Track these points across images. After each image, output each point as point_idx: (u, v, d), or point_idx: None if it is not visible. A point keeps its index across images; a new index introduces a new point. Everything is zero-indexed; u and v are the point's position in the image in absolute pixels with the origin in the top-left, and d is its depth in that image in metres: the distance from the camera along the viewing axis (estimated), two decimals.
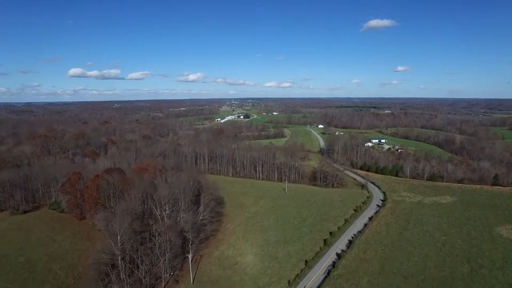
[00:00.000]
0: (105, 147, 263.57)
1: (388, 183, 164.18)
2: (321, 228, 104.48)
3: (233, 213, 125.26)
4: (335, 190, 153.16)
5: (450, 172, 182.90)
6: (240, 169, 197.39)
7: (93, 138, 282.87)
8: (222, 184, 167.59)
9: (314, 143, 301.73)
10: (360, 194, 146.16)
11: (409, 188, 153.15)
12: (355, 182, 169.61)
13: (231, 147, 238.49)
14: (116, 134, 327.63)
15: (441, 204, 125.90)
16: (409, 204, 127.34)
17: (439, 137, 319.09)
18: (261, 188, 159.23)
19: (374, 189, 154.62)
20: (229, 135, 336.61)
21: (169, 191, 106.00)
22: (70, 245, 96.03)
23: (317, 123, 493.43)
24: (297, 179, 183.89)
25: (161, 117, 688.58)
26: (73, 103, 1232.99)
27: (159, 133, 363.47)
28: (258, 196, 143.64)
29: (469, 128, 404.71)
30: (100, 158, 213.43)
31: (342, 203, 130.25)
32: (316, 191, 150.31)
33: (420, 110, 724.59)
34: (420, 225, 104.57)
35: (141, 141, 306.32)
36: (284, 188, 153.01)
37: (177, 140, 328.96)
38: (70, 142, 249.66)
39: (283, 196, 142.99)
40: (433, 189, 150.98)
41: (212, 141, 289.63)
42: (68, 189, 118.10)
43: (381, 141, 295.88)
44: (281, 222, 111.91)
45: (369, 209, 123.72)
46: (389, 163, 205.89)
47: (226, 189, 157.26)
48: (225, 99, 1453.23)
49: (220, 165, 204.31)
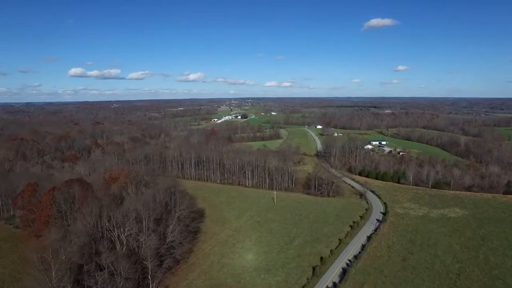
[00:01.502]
0: (89, 150, 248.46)
1: (390, 192, 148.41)
2: (310, 251, 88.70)
3: (212, 229, 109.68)
4: (331, 200, 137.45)
5: (456, 178, 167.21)
6: (229, 175, 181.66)
7: (77, 140, 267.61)
8: (206, 193, 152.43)
9: (310, 145, 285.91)
10: (358, 205, 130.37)
11: (412, 198, 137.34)
12: (353, 191, 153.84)
13: (221, 150, 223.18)
14: (104, 136, 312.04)
15: (451, 219, 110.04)
16: (414, 219, 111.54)
17: (443, 139, 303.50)
18: (248, 197, 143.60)
19: (374, 199, 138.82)
20: (221, 137, 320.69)
21: (132, 208, 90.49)
22: (10, 275, 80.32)
23: (315, 124, 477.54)
24: (290, 186, 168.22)
25: (157, 117, 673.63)
26: (73, 103, 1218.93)
27: (149, 134, 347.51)
28: (244, 208, 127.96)
29: (472, 129, 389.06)
30: (80, 162, 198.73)
31: (337, 217, 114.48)
32: (309, 202, 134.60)
33: (421, 110, 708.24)
34: (428, 247, 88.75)
35: (129, 143, 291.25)
36: (273, 198, 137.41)
37: (168, 142, 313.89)
38: (50, 145, 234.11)
39: (271, 208, 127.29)
40: (439, 199, 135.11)
41: (202, 143, 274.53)
42: (21, 203, 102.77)
43: (382, 143, 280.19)
44: (264, 242, 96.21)
45: (367, 225, 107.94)
46: (390, 168, 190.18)
47: (209, 199, 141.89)
48: (225, 99, 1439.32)
49: (208, 171, 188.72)
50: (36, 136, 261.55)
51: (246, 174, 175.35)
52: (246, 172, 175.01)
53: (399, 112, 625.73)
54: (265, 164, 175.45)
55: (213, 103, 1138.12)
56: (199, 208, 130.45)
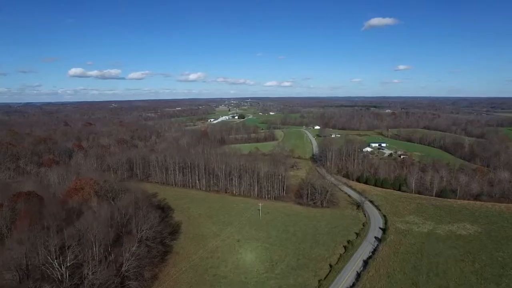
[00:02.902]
0: (70, 153, 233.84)
1: (390, 202, 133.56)
2: (295, 282, 73.82)
3: (186, 249, 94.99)
4: (324, 212, 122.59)
5: (463, 185, 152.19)
6: (215, 182, 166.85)
7: (59, 143, 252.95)
8: (187, 203, 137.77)
9: (306, 148, 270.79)
10: (354, 218, 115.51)
11: (416, 209, 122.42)
12: (349, 200, 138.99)
13: (208, 154, 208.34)
14: (90, 138, 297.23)
15: (461, 238, 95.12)
16: (418, 237, 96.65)
17: (446, 140, 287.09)
18: (232, 209, 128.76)
19: (372, 210, 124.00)
20: (214, 139, 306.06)
21: (83, 228, 75.80)
22: None
23: (313, 124, 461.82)
24: (281, 193, 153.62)
25: (154, 117, 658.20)
26: (72, 103, 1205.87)
27: (139, 136, 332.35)
28: (225, 223, 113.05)
29: (475, 129, 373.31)
30: (56, 168, 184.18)
31: (329, 235, 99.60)
32: (299, 215, 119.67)
33: (422, 109, 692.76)
34: (436, 277, 73.81)
35: (116, 146, 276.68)
36: (260, 210, 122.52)
37: (157, 144, 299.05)
38: (27, 148, 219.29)
39: (255, 222, 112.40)
40: (446, 210, 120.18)
41: (192, 146, 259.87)
42: None
43: (382, 145, 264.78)
44: (242, 268, 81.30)
45: (364, 245, 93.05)
46: (391, 173, 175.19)
47: (188, 211, 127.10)
48: (225, 99, 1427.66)
49: (193, 177, 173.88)
50: (15, 138, 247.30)
51: (233, 181, 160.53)
52: (234, 179, 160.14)
53: (400, 112, 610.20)
54: (254, 169, 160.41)
55: (212, 103, 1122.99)
56: (175, 222, 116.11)
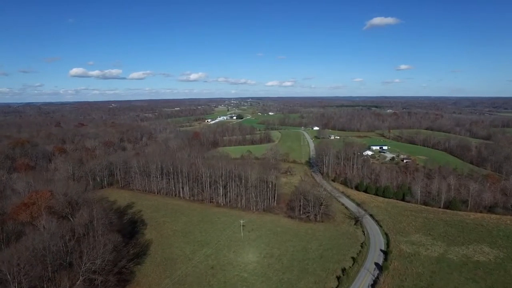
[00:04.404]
0: (50, 157, 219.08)
1: (393, 215, 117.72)
2: None
3: (150, 277, 79.53)
4: (317, 229, 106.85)
5: (474, 195, 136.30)
6: (199, 191, 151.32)
7: (39, 146, 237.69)
8: (164, 215, 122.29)
9: (302, 151, 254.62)
10: (351, 237, 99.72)
11: (423, 226, 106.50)
12: (346, 213, 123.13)
13: (195, 159, 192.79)
14: (76, 140, 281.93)
15: (479, 265, 79.21)
16: (427, 264, 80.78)
17: (451, 142, 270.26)
18: (213, 224, 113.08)
19: (373, 226, 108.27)
20: (205, 141, 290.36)
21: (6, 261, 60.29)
22: None
23: (312, 125, 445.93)
24: (271, 204, 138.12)
25: (151, 117, 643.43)
26: (72, 103, 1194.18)
27: (129, 138, 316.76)
28: (201, 242, 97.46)
29: (480, 130, 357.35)
30: (32, 172, 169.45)
31: (320, 261, 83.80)
32: (288, 232, 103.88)
33: (423, 109, 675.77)
34: None
35: (102, 148, 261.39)
36: (244, 224, 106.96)
37: (146, 146, 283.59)
38: (1, 152, 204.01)
39: (236, 242, 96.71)
40: (458, 227, 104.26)
41: (182, 149, 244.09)
42: None
43: (383, 149, 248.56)
44: None
45: (362, 275, 77.27)
46: (393, 181, 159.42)
47: (163, 226, 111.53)
48: (225, 99, 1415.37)
49: (176, 184, 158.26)
50: None
51: (219, 190, 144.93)
52: (219, 188, 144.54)
53: (401, 112, 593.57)
54: (243, 177, 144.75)
55: (213, 103, 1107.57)
56: (145, 241, 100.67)
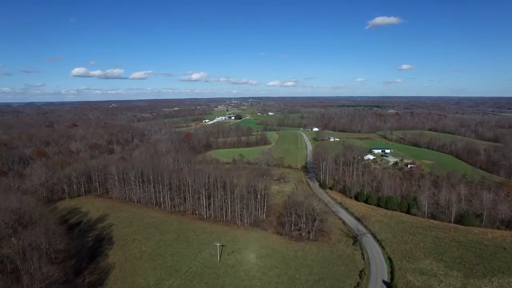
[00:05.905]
0: (28, 161, 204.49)
1: (398, 234, 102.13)
2: None
3: None
4: (309, 250, 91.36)
5: (489, 207, 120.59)
6: (181, 201, 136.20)
7: (17, 149, 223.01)
8: (136, 231, 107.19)
9: (300, 154, 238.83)
10: (349, 263, 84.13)
11: (433, 248, 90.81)
12: (343, 230, 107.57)
13: (180, 164, 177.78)
14: (60, 142, 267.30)
15: None
16: None
17: (457, 145, 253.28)
18: (189, 243, 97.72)
19: (374, 248, 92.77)
20: (198, 143, 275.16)
21: None
22: None
23: (312, 126, 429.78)
24: (260, 216, 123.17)
25: (148, 118, 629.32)
26: (73, 103, 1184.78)
27: (118, 139, 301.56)
28: (170, 269, 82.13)
29: (487, 131, 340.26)
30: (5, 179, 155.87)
31: None
32: (275, 256, 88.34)
33: (426, 109, 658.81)
34: None
35: (87, 151, 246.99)
36: (224, 245, 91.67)
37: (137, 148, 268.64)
38: None
39: (210, 270, 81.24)
40: (475, 251, 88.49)
41: (168, 153, 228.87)
42: None
43: (385, 152, 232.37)
44: None
45: None
46: (397, 189, 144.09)
47: (132, 245, 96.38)
48: (226, 99, 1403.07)
49: (157, 194, 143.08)
50: None
51: (201, 200, 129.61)
52: (202, 198, 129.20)
53: (404, 112, 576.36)
54: (230, 186, 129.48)
55: (214, 103, 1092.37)
56: (105, 266, 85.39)
